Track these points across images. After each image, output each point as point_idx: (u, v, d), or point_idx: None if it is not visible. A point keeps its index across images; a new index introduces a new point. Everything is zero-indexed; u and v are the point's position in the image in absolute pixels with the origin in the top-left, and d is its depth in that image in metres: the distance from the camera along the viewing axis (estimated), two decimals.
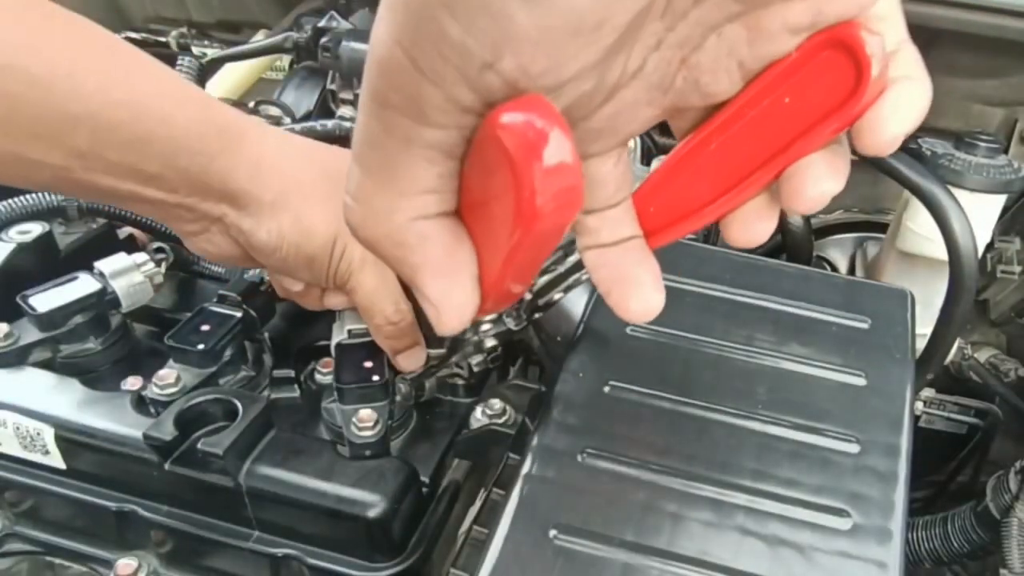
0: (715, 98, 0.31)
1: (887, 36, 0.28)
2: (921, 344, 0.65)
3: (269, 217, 0.51)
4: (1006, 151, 0.85)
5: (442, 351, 0.58)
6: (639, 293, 0.34)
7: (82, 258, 0.65)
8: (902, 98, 0.29)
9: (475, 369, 0.61)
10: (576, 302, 0.60)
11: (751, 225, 0.33)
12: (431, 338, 0.57)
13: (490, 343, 0.57)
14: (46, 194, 0.70)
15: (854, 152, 0.31)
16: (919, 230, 0.75)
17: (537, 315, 0.54)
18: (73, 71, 0.43)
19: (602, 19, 0.24)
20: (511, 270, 0.28)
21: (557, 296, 0.53)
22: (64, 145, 0.44)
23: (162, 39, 1.09)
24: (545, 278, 0.52)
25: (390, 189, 0.27)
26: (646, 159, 0.83)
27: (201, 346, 0.57)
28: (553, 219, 0.24)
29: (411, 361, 0.56)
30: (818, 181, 0.30)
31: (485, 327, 0.56)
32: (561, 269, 0.52)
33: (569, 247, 0.50)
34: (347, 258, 0.53)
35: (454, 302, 0.29)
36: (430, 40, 0.24)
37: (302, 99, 0.91)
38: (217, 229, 0.52)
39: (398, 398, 0.57)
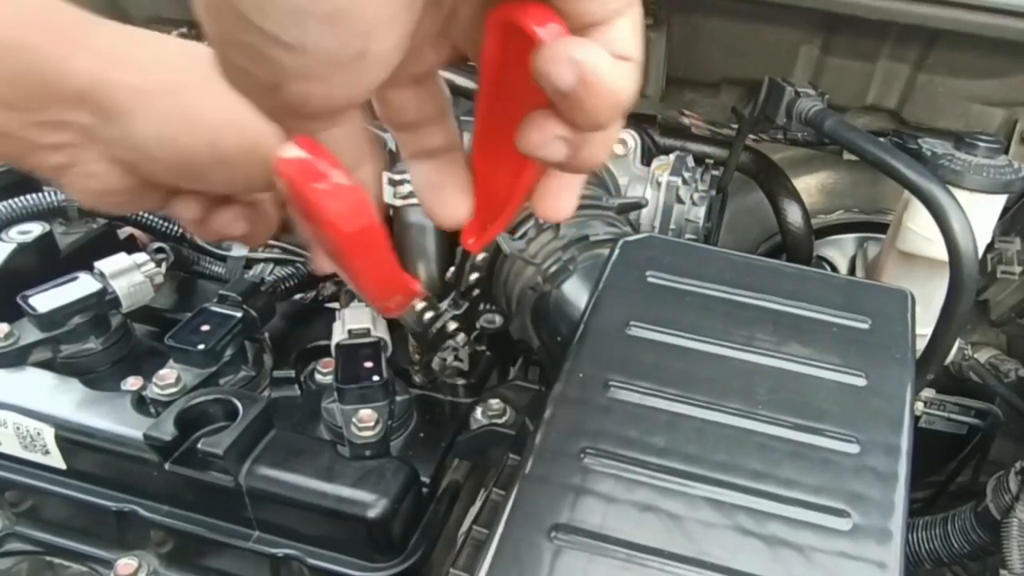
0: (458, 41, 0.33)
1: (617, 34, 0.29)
2: (921, 344, 0.65)
3: (140, 100, 0.44)
4: (1006, 151, 0.85)
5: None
6: (446, 198, 0.37)
7: (82, 258, 0.65)
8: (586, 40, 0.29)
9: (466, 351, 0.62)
10: (576, 302, 0.60)
11: (552, 199, 0.35)
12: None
13: (452, 326, 0.59)
14: (46, 194, 0.70)
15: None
16: (919, 230, 0.75)
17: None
18: None
19: (361, 52, 0.27)
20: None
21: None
22: None
23: None
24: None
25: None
26: (646, 159, 0.83)
27: (201, 346, 0.57)
28: (348, 224, 0.30)
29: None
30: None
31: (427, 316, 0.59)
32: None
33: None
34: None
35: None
36: (231, 69, 0.28)
37: None
38: (90, 155, 0.45)
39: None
